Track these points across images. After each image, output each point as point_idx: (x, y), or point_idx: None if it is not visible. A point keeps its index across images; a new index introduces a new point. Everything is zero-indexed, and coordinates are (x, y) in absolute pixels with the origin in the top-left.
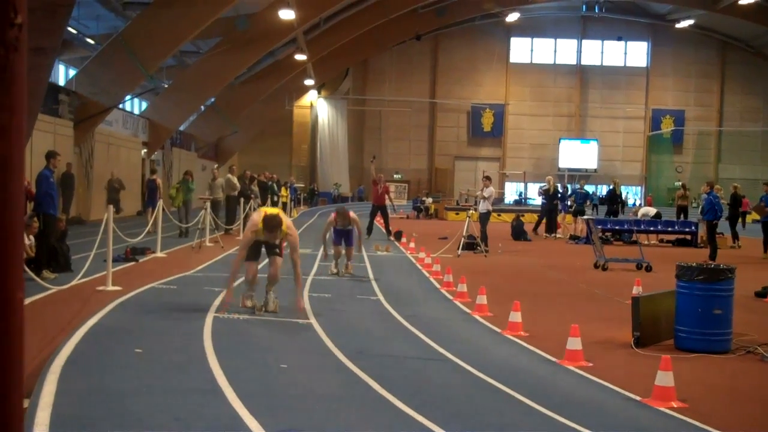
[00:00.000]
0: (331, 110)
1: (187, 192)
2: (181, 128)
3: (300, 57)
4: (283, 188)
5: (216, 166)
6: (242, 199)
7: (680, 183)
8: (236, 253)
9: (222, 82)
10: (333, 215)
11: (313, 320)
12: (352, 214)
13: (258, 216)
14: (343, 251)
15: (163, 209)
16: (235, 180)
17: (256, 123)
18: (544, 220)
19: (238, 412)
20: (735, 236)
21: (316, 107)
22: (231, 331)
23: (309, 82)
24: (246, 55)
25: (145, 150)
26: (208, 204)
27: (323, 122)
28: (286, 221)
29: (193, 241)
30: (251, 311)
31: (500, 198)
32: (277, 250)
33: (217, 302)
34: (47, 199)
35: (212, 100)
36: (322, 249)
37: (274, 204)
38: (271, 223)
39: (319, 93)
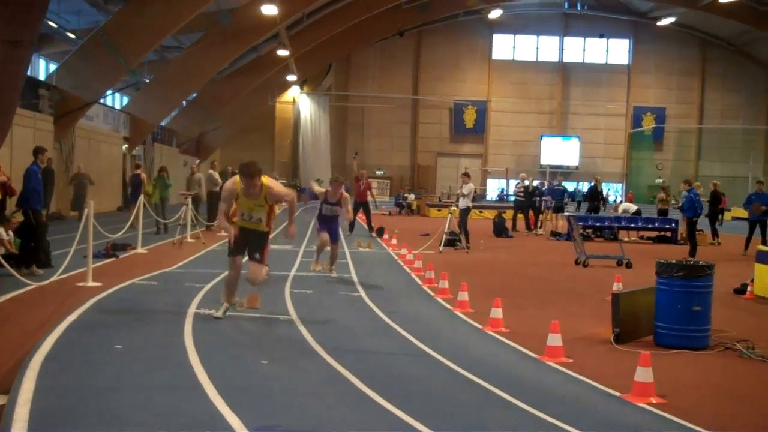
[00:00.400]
0: (314, 106)
1: (163, 188)
2: (163, 123)
3: (282, 52)
4: None
5: (198, 161)
6: None
7: (661, 180)
8: (219, 250)
9: (204, 78)
10: (325, 189)
11: (294, 316)
12: (345, 193)
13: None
14: (328, 247)
15: (145, 205)
16: (216, 176)
17: (239, 118)
18: (521, 216)
19: (219, 408)
20: (715, 233)
21: (299, 103)
22: (212, 327)
23: (291, 77)
24: (228, 50)
25: (126, 145)
26: (190, 200)
27: (305, 118)
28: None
29: (174, 237)
30: (232, 307)
31: (482, 194)
32: (258, 256)
33: (198, 298)
34: (35, 195)
35: (194, 95)
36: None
37: None
38: (249, 169)
39: (301, 89)
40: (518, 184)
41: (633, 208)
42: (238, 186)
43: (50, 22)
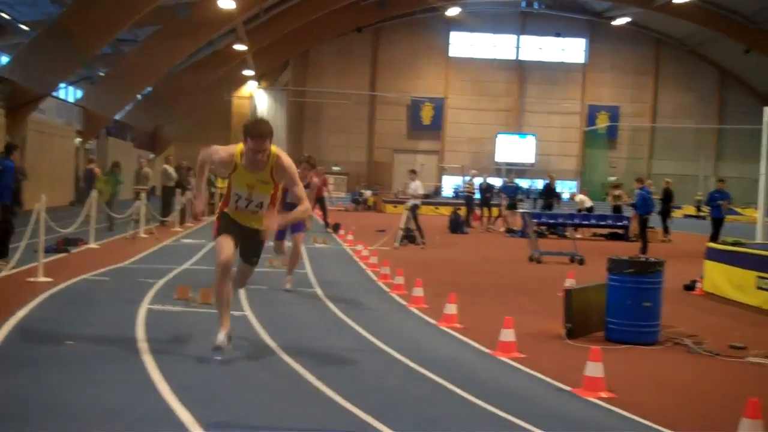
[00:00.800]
0: (271, 101)
1: (115, 184)
2: (117, 117)
3: (240, 47)
4: (219, 179)
5: (151, 156)
6: (178, 190)
7: (615, 179)
8: (172, 245)
9: (160, 71)
10: None
11: (248, 312)
12: (316, 179)
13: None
14: (287, 245)
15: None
16: (171, 170)
17: (195, 113)
18: (476, 212)
19: (171, 404)
20: (666, 230)
21: (256, 98)
22: (164, 323)
23: (249, 72)
24: (184, 44)
25: (80, 139)
26: (144, 194)
27: (262, 113)
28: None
29: (126, 232)
30: (185, 303)
31: (437, 191)
32: (255, 259)
33: (151, 294)
34: (7, 190)
35: (150, 89)
36: None
37: (211, 195)
38: (260, 127)
39: (258, 84)
40: (468, 180)
41: (588, 202)
42: (238, 153)
43: (3, 14)
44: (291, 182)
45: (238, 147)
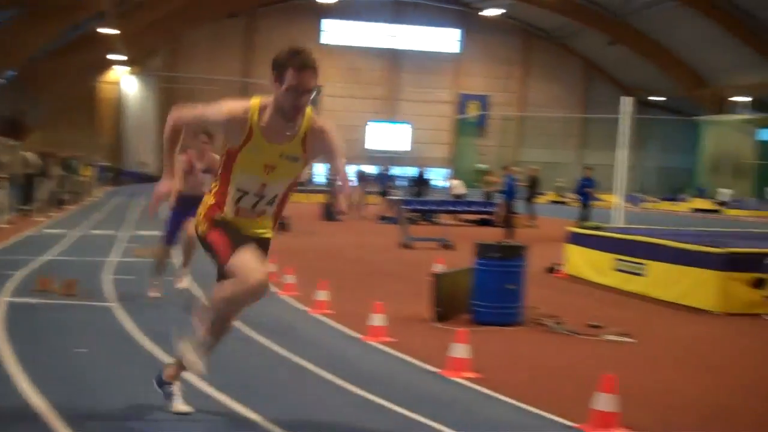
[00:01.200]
0: (141, 87)
1: None
2: None
3: (108, 31)
4: (84, 167)
5: (12, 143)
6: (41, 178)
7: (487, 167)
8: (34, 235)
9: (22, 55)
10: (187, 155)
11: (114, 303)
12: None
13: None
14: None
15: None
16: (32, 157)
17: (60, 98)
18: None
19: (32, 400)
20: (532, 216)
21: (125, 83)
22: (25, 316)
23: (117, 57)
24: (49, 27)
25: None
26: (6, 183)
27: (131, 99)
28: None
29: None
30: (44, 294)
31: (310, 178)
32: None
33: (11, 286)
34: None
35: (12, 73)
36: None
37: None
38: (306, 56)
39: (128, 69)
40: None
41: (461, 188)
42: (255, 109)
43: None
44: (332, 155)
45: (254, 100)
